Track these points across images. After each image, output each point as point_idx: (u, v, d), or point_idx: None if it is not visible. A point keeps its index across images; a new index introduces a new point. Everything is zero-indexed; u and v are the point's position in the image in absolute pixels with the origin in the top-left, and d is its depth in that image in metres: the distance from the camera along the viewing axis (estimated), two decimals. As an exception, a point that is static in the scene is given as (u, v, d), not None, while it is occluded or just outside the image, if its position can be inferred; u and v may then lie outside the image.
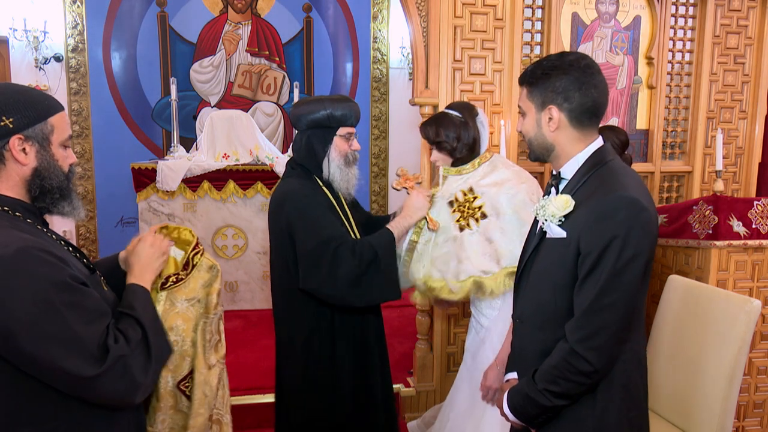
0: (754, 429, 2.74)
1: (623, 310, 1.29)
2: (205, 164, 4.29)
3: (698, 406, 2.08)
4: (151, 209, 4.24)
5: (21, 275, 1.07)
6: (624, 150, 2.65)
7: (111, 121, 5.39)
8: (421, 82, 2.89)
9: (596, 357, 1.29)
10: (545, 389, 1.36)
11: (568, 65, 1.37)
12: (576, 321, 1.32)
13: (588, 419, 1.39)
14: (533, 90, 1.41)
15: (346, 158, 2.01)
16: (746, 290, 2.59)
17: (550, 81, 1.37)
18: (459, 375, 2.29)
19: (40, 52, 5.11)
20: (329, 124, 1.98)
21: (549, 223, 1.38)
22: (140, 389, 1.22)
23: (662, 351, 2.30)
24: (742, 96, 3.28)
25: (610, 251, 1.26)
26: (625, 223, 1.26)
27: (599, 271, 1.28)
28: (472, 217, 2.04)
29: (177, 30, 5.49)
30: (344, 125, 2.00)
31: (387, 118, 6.02)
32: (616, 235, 1.26)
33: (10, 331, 1.07)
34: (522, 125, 1.47)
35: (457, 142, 2.08)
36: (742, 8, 3.19)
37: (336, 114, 1.97)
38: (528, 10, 3.00)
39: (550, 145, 1.43)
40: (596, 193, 1.32)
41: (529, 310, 1.49)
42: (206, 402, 1.47)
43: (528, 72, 1.43)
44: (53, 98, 1.28)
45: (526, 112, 1.44)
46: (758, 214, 2.57)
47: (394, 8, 5.77)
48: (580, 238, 1.31)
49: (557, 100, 1.38)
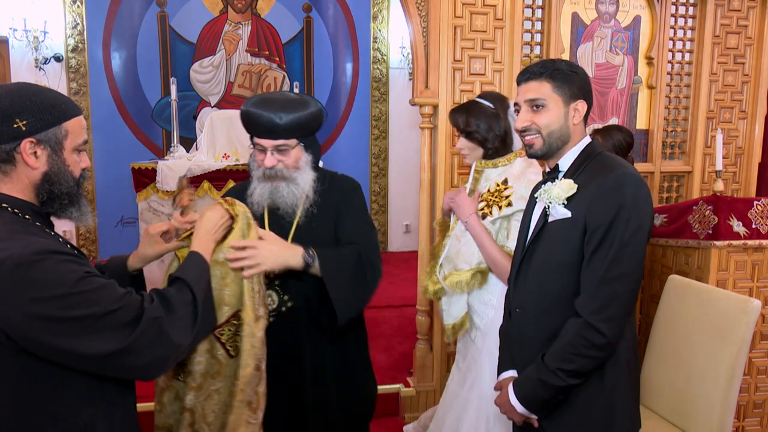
0: (754, 429, 2.73)
1: (632, 280, 1.38)
2: (205, 164, 4.29)
3: (698, 405, 2.08)
4: (151, 209, 4.24)
5: (47, 272, 1.08)
6: (628, 151, 2.66)
7: (111, 121, 5.39)
8: (421, 82, 2.89)
9: (610, 328, 1.36)
10: (558, 368, 1.40)
11: (581, 70, 1.53)
12: (587, 294, 1.39)
13: (600, 399, 1.44)
14: (560, 84, 1.49)
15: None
16: (746, 290, 2.59)
17: (577, 79, 1.50)
18: (450, 377, 2.29)
19: (40, 52, 5.11)
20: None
21: (554, 205, 1.45)
22: (177, 352, 1.22)
23: (662, 351, 2.30)
24: (742, 96, 3.28)
25: (618, 222, 1.35)
26: (630, 194, 1.36)
27: (608, 242, 1.36)
28: (497, 205, 2.03)
29: (177, 30, 5.49)
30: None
31: (387, 118, 6.02)
32: (623, 206, 1.35)
33: (42, 324, 1.06)
34: (541, 118, 1.49)
35: (489, 132, 2.06)
36: (742, 8, 3.19)
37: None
38: (528, 10, 2.99)
39: (568, 137, 1.51)
40: (599, 174, 1.42)
41: (531, 298, 1.52)
42: (253, 353, 1.50)
43: (545, 69, 1.49)
44: (71, 101, 1.25)
45: (549, 104, 1.49)
46: (758, 214, 2.57)
47: (394, 8, 5.77)
48: (587, 214, 1.40)
49: (584, 96, 1.50)
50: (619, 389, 1.45)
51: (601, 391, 1.44)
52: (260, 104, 1.65)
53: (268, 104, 1.65)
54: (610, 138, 2.64)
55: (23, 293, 1.05)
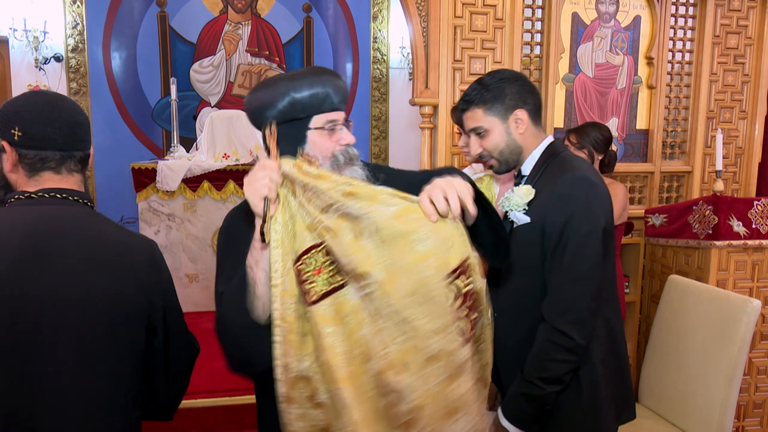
0: (754, 429, 2.74)
1: (592, 281, 1.40)
2: (205, 164, 4.29)
3: (698, 406, 2.08)
4: (151, 209, 4.24)
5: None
6: (608, 146, 2.63)
7: (111, 121, 5.39)
8: (421, 82, 2.89)
9: (576, 330, 1.37)
10: (536, 378, 1.41)
11: (511, 76, 1.52)
12: (550, 298, 1.42)
13: (579, 401, 1.45)
14: (491, 106, 1.51)
15: (335, 159, 1.27)
16: (746, 290, 2.59)
17: (506, 91, 1.50)
18: None
19: (40, 52, 5.11)
20: (295, 114, 1.25)
21: (514, 212, 1.49)
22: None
23: (662, 351, 2.30)
24: (742, 96, 3.28)
25: (571, 227, 1.38)
26: (580, 199, 1.39)
27: (563, 247, 1.39)
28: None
29: (177, 30, 5.49)
30: (319, 111, 1.26)
31: (387, 118, 6.02)
32: (575, 211, 1.38)
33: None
34: (486, 143, 1.54)
35: None
36: (742, 8, 3.18)
37: (301, 97, 1.24)
38: (528, 10, 2.99)
39: (519, 148, 1.54)
40: (552, 180, 1.45)
41: (505, 301, 1.54)
42: None
43: (474, 95, 1.52)
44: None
45: (488, 128, 1.52)
46: (758, 214, 2.57)
47: (394, 8, 5.77)
48: (545, 219, 1.43)
49: (519, 104, 1.51)
50: (598, 388, 1.46)
51: (578, 394, 1.45)
52: (314, 71, 1.29)
53: (320, 71, 1.29)
54: (586, 136, 2.59)
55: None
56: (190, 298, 4.17)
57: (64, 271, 1.11)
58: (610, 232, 1.45)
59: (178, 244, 4.23)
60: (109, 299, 1.14)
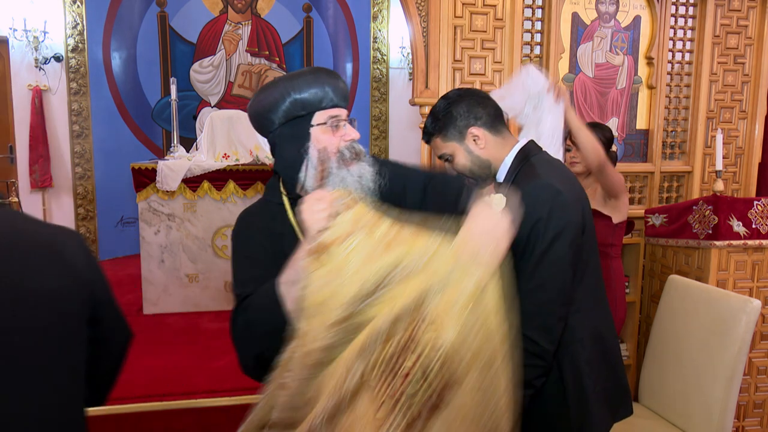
0: (754, 429, 2.74)
1: (557, 289, 1.40)
2: (205, 164, 4.29)
3: (698, 406, 2.08)
4: (151, 209, 4.24)
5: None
6: (609, 147, 2.63)
7: (111, 121, 5.39)
8: (421, 82, 2.89)
9: (542, 336, 1.38)
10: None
11: (456, 96, 1.54)
12: (519, 304, 1.41)
13: (566, 401, 1.46)
14: (445, 132, 1.54)
15: (341, 155, 1.30)
16: (746, 290, 2.59)
17: (454, 114, 1.52)
18: None
19: (40, 52, 5.12)
20: (296, 112, 1.31)
21: None
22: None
23: (662, 351, 2.30)
24: (742, 96, 3.28)
25: (535, 234, 1.38)
26: (544, 206, 1.39)
27: (528, 254, 1.39)
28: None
29: (177, 30, 5.49)
30: (320, 108, 1.30)
31: (387, 118, 6.02)
32: (539, 218, 1.38)
33: None
34: (455, 166, 1.57)
35: None
36: (742, 8, 3.19)
37: (301, 95, 1.29)
38: (528, 10, 2.99)
39: (486, 162, 1.55)
40: (521, 185, 1.45)
41: None
42: None
43: (429, 126, 1.56)
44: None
45: (452, 153, 1.56)
46: (758, 214, 2.57)
47: (394, 8, 5.77)
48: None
49: (470, 122, 1.52)
50: (584, 389, 1.47)
51: (563, 395, 1.46)
52: (312, 71, 1.33)
53: (318, 70, 1.34)
54: None
55: None
56: (190, 298, 4.17)
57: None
58: (582, 237, 1.45)
59: (178, 244, 4.22)
60: (52, 295, 1.12)
